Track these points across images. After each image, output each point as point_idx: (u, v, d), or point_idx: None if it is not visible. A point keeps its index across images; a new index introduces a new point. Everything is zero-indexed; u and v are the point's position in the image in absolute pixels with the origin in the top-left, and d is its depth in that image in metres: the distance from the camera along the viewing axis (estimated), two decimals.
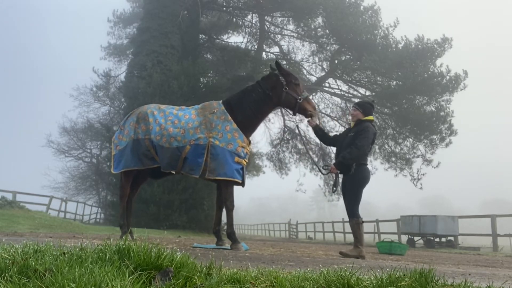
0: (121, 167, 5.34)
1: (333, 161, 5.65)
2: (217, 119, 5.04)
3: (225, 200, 5.04)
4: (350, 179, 5.35)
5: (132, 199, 5.76)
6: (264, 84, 5.23)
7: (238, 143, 4.93)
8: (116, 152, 5.45)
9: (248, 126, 5.14)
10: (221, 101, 5.33)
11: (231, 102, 5.25)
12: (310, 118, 5.30)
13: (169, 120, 5.21)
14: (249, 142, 5.19)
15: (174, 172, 5.20)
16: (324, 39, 24.60)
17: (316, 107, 5.50)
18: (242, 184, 5.09)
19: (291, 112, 5.37)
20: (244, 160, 5.03)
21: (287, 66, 26.69)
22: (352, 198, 5.35)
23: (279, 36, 27.51)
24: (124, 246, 2.04)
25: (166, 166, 5.09)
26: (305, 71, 26.59)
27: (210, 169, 4.84)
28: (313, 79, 26.05)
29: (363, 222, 5.41)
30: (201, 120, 5.08)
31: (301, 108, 5.13)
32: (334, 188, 5.60)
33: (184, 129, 5.05)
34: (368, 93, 23.71)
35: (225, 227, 5.68)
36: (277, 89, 5.13)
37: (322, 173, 5.54)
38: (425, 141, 21.78)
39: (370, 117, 5.60)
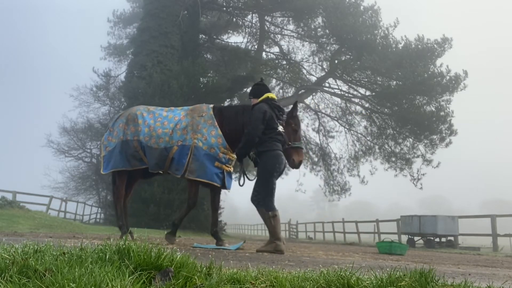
0: (109, 168, 5.45)
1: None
2: (204, 122, 5.16)
3: (189, 198, 5.24)
4: (259, 168, 5.03)
5: (126, 200, 5.81)
6: None
7: (220, 149, 5.04)
8: (106, 153, 5.55)
9: (232, 141, 5.11)
10: (211, 106, 5.39)
11: (224, 112, 5.30)
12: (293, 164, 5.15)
13: (158, 121, 5.33)
14: (232, 151, 5.17)
15: (161, 172, 5.35)
16: (324, 39, 24.61)
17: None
18: (223, 187, 5.19)
19: None
20: (226, 166, 5.13)
21: (287, 66, 26.77)
22: (261, 187, 4.94)
23: (279, 36, 27.55)
24: (124, 246, 2.03)
25: (154, 167, 5.22)
26: (305, 71, 26.64)
27: (190, 169, 4.98)
28: (313, 79, 26.09)
29: (275, 215, 4.84)
30: (188, 121, 5.21)
31: (287, 154, 5.11)
32: (239, 182, 5.32)
33: (172, 130, 5.17)
34: (368, 93, 23.73)
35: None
36: None
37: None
38: (425, 141, 21.80)
39: (263, 96, 5.22)
